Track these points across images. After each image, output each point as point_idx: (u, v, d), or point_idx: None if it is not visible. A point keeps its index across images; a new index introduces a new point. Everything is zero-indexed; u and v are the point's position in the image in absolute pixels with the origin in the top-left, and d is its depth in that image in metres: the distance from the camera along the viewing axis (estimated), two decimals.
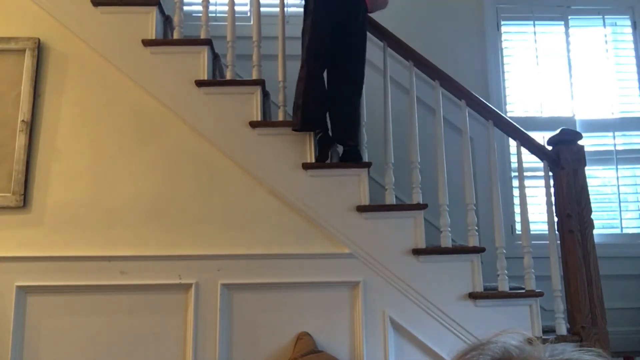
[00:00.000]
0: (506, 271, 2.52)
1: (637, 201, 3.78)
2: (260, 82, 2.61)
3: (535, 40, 3.88)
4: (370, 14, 2.67)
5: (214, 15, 3.56)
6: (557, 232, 2.60)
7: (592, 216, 2.57)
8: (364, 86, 2.60)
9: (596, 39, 3.94)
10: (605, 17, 3.93)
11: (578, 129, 3.32)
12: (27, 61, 2.52)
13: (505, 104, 3.78)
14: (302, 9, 2.64)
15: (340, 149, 2.66)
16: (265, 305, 2.40)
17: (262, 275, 2.41)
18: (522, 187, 2.62)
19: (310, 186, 2.49)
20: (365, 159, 2.58)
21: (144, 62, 2.57)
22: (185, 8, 3.27)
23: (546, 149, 2.67)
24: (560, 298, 2.51)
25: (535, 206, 3.30)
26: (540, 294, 2.50)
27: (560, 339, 2.45)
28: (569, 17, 3.91)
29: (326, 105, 2.53)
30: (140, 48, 2.58)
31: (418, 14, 3.68)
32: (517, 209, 3.31)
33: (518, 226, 3.35)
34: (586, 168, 2.61)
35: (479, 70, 3.75)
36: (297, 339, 2.35)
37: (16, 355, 2.29)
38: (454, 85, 2.68)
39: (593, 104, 3.84)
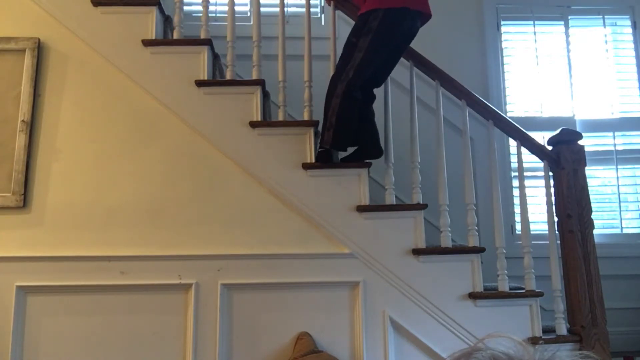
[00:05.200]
0: (506, 271, 2.52)
1: (637, 201, 3.79)
2: (260, 82, 2.61)
3: (535, 40, 3.88)
4: None
5: (214, 15, 3.56)
6: (557, 232, 2.60)
7: (592, 216, 2.57)
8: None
9: (596, 39, 3.94)
10: (605, 17, 3.93)
11: (578, 129, 3.33)
12: (27, 61, 2.52)
13: (505, 104, 3.78)
14: (302, 9, 2.64)
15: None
16: (265, 305, 2.40)
17: (262, 275, 2.41)
18: (522, 187, 2.62)
19: (310, 186, 2.49)
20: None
21: (144, 62, 2.57)
22: (185, 8, 3.27)
23: (546, 149, 2.67)
24: (560, 298, 2.52)
25: (535, 206, 3.30)
26: (540, 294, 2.50)
27: (560, 339, 2.45)
28: (569, 17, 3.91)
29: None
30: (140, 48, 2.58)
31: None
32: (517, 209, 3.32)
33: (518, 226, 3.35)
34: (586, 168, 2.61)
35: (479, 70, 3.75)
36: (297, 339, 2.35)
37: (16, 355, 2.29)
38: (454, 85, 2.68)
39: (593, 104, 3.84)
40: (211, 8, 3.28)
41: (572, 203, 2.56)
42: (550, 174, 2.65)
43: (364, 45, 2.37)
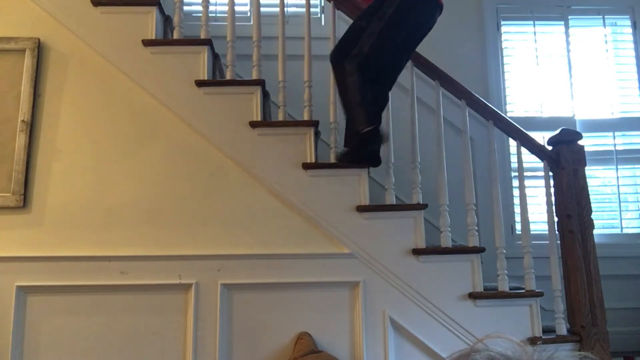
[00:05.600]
0: (506, 271, 2.52)
1: (637, 201, 3.79)
2: (260, 82, 2.61)
3: (535, 40, 3.88)
4: None
5: (214, 15, 3.56)
6: (557, 232, 2.60)
7: (592, 216, 2.57)
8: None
9: (596, 39, 3.94)
10: (605, 17, 3.93)
11: (578, 129, 3.33)
12: (27, 61, 2.52)
13: (505, 104, 3.78)
14: (302, 9, 2.63)
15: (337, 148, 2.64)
16: (265, 305, 2.40)
17: (262, 275, 2.41)
18: (522, 187, 2.62)
19: (310, 186, 2.49)
20: None
21: (144, 62, 2.57)
22: (185, 8, 3.27)
23: (546, 149, 2.67)
24: (560, 298, 2.51)
25: (535, 206, 3.30)
26: (540, 294, 2.50)
27: (560, 339, 2.45)
28: (569, 17, 3.91)
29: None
30: (140, 48, 2.58)
31: None
32: (517, 209, 3.32)
33: (518, 226, 3.35)
34: (586, 168, 2.61)
35: (479, 70, 3.75)
36: (297, 339, 2.35)
37: (16, 355, 2.29)
38: (454, 85, 2.68)
39: (593, 104, 3.84)
40: (211, 8, 3.28)
41: (572, 203, 2.56)
42: (550, 174, 2.65)
43: (374, 31, 2.31)
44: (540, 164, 2.69)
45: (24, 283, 2.34)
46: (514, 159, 3.46)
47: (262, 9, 2.79)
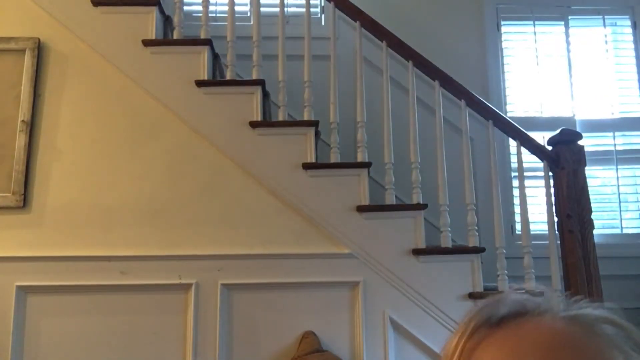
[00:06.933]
0: (506, 271, 2.52)
1: (637, 201, 3.78)
2: (260, 82, 2.61)
3: (535, 41, 3.88)
4: (369, 13, 2.67)
5: (214, 15, 3.55)
6: (557, 232, 2.60)
7: (592, 216, 2.57)
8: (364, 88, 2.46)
9: (596, 39, 3.93)
10: (605, 17, 3.92)
11: (578, 129, 3.32)
12: (27, 61, 2.52)
13: (505, 104, 3.77)
14: (302, 9, 2.63)
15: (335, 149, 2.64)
16: (265, 305, 2.40)
17: (262, 275, 2.41)
18: (522, 187, 2.62)
19: (310, 186, 2.49)
20: (365, 159, 2.58)
21: (144, 62, 2.57)
22: (185, 8, 3.26)
23: (546, 149, 2.67)
24: None
25: (535, 206, 3.29)
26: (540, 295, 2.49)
27: None
28: (569, 17, 3.90)
29: None
30: (140, 48, 2.59)
31: (418, 14, 3.68)
32: (517, 209, 3.31)
33: (518, 226, 3.35)
34: (586, 168, 2.61)
35: (479, 70, 3.75)
36: (302, 338, 2.35)
37: (16, 355, 2.29)
38: (454, 85, 2.68)
39: (593, 104, 3.84)
40: (211, 8, 3.27)
41: (572, 203, 2.55)
42: (550, 174, 2.65)
43: None
44: (540, 164, 2.69)
45: (24, 283, 2.34)
46: (514, 159, 3.45)
47: (262, 9, 2.79)
